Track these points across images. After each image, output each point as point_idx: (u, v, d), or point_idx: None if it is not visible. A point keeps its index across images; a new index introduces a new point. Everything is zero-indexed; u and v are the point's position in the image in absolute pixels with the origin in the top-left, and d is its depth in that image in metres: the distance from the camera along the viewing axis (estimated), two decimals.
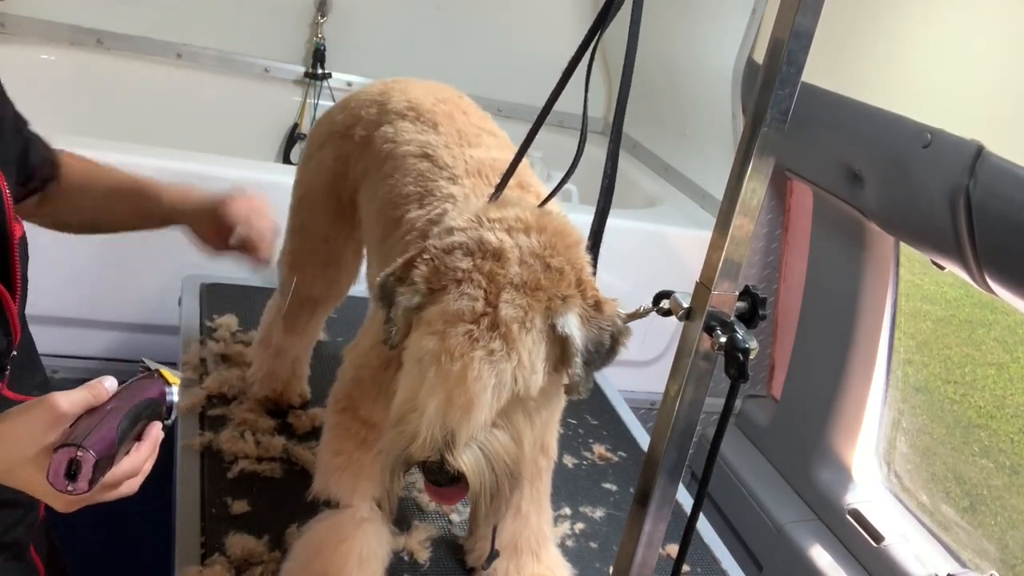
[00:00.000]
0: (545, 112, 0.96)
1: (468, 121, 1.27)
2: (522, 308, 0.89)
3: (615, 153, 0.95)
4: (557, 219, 0.98)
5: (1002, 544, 2.03)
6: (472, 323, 0.88)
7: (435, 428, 0.86)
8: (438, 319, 0.89)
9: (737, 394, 0.87)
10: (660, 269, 2.17)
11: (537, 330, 0.90)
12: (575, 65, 0.93)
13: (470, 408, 0.86)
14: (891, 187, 1.56)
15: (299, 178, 1.48)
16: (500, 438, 0.90)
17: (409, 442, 0.88)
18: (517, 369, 0.88)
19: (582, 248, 0.98)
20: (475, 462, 0.88)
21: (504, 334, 0.88)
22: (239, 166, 2.00)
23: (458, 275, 0.90)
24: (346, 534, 1.13)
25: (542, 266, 0.92)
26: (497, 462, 0.90)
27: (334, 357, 1.70)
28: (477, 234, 0.93)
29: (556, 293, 0.91)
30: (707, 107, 2.31)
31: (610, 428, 1.76)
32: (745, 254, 0.84)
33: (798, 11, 0.76)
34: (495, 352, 0.87)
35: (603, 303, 0.95)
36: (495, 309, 0.88)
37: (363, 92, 1.41)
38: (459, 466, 0.87)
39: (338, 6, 2.69)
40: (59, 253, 1.63)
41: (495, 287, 0.89)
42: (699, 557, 1.45)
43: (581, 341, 0.92)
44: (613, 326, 0.95)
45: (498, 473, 0.90)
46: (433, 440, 0.86)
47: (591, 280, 0.96)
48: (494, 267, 0.90)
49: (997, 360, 2.82)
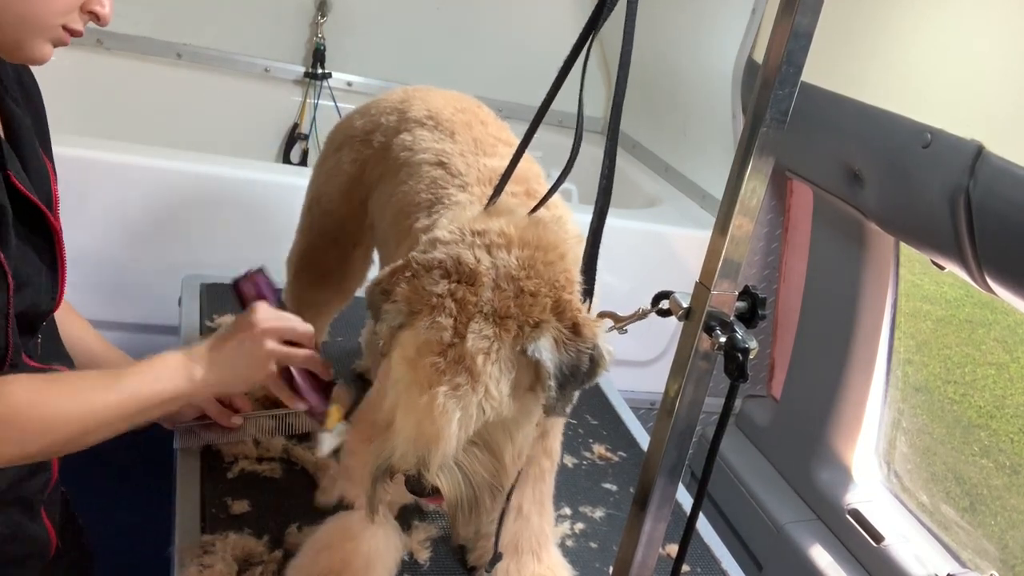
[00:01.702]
0: (542, 113, 0.96)
1: (485, 131, 1.27)
2: (488, 339, 0.89)
3: (612, 152, 0.94)
4: (544, 231, 0.96)
5: (1002, 544, 2.03)
6: (439, 355, 0.89)
7: (409, 452, 0.89)
8: (410, 345, 0.91)
9: (737, 394, 0.87)
10: (660, 269, 2.17)
11: (504, 359, 0.90)
12: (571, 64, 0.93)
13: (438, 439, 0.88)
14: (891, 187, 1.56)
15: (314, 178, 1.49)
16: (478, 455, 0.92)
17: (391, 453, 0.91)
18: (484, 400, 0.89)
19: (567, 262, 0.96)
20: (450, 478, 0.90)
21: (469, 367, 0.88)
22: (239, 166, 2.00)
23: (432, 300, 0.90)
24: (354, 533, 1.14)
25: (515, 290, 0.91)
26: (474, 476, 0.92)
27: (334, 357, 1.70)
28: (456, 252, 0.93)
29: (527, 319, 0.90)
30: (707, 107, 2.31)
31: (610, 428, 1.76)
32: (745, 254, 0.84)
33: (798, 11, 0.76)
34: (460, 387, 0.88)
35: (582, 325, 0.93)
36: (462, 340, 0.89)
37: (384, 99, 1.41)
38: (432, 483, 0.89)
39: (338, 6, 2.69)
40: None
41: (465, 316, 0.89)
42: (699, 557, 1.45)
43: (554, 365, 0.91)
44: (593, 348, 0.93)
45: (476, 486, 0.92)
46: (408, 459, 0.89)
47: (571, 299, 0.94)
48: (466, 294, 0.90)
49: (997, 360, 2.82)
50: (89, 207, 1.84)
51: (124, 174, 1.88)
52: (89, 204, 1.84)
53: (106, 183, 1.87)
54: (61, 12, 0.95)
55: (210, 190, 1.91)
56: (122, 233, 1.90)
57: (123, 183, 1.88)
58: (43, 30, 0.96)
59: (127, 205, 1.89)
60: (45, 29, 0.96)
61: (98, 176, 1.86)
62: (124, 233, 1.90)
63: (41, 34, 0.96)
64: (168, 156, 1.93)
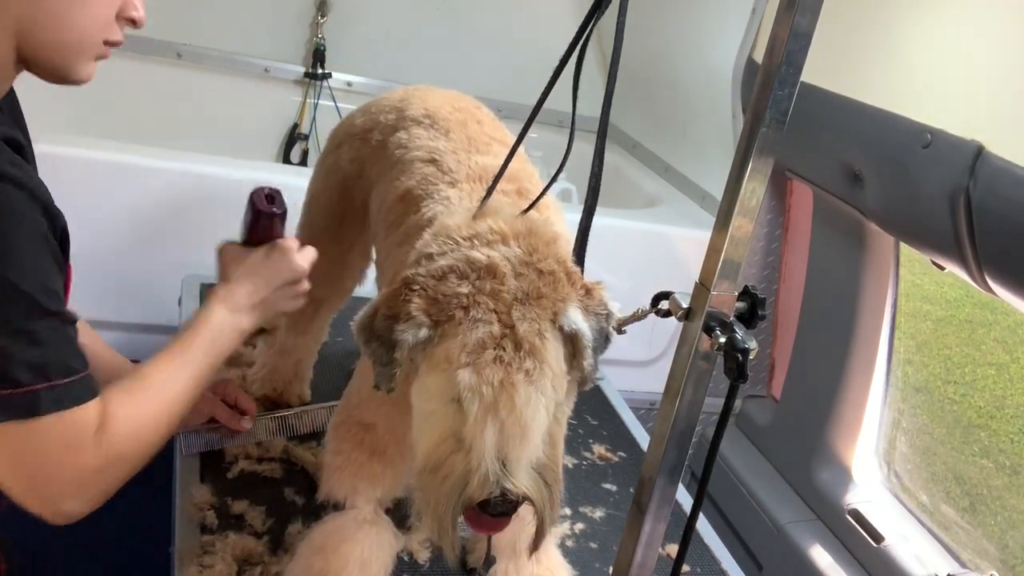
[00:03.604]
0: (535, 112, 0.97)
1: (481, 130, 1.28)
2: (535, 320, 0.89)
3: (601, 150, 0.96)
4: (530, 221, 0.98)
5: (1002, 544, 2.03)
6: (496, 348, 0.87)
7: (492, 463, 0.85)
8: (459, 352, 0.87)
9: (737, 394, 0.87)
10: (660, 269, 2.17)
11: (552, 337, 0.90)
12: (566, 63, 0.93)
13: (527, 433, 0.86)
14: (891, 187, 1.56)
15: (314, 176, 1.49)
16: (543, 449, 0.90)
17: (462, 485, 0.86)
18: (553, 381, 0.89)
19: (561, 243, 0.98)
20: (532, 482, 0.88)
21: (530, 351, 0.87)
22: (239, 166, 2.00)
23: (463, 301, 0.89)
24: (347, 535, 1.13)
25: (536, 273, 0.92)
26: (547, 474, 0.90)
27: (334, 357, 1.71)
28: (462, 255, 0.92)
29: (557, 296, 0.92)
30: (707, 107, 2.31)
31: (610, 428, 1.77)
32: (744, 254, 0.84)
33: (797, 11, 0.76)
34: (531, 372, 0.87)
35: (592, 289, 0.96)
36: (512, 328, 0.88)
37: (384, 98, 1.42)
38: (522, 492, 0.86)
39: (338, 6, 2.69)
40: None
41: (503, 305, 0.89)
42: (699, 557, 1.45)
43: (590, 332, 0.93)
44: (604, 308, 0.96)
45: (549, 483, 0.90)
46: (493, 475, 0.85)
47: (576, 270, 0.97)
48: (494, 285, 0.89)
49: (997, 360, 2.82)
50: (89, 207, 1.84)
51: (124, 174, 1.88)
52: (89, 204, 1.84)
53: (106, 183, 1.87)
54: (100, 27, 0.94)
55: (210, 190, 1.91)
56: (122, 233, 1.90)
57: (123, 183, 1.88)
58: (86, 50, 0.94)
59: (127, 205, 1.89)
60: (87, 49, 0.94)
61: (98, 176, 1.86)
62: (124, 233, 1.90)
63: (84, 54, 0.94)
64: (168, 156, 1.93)
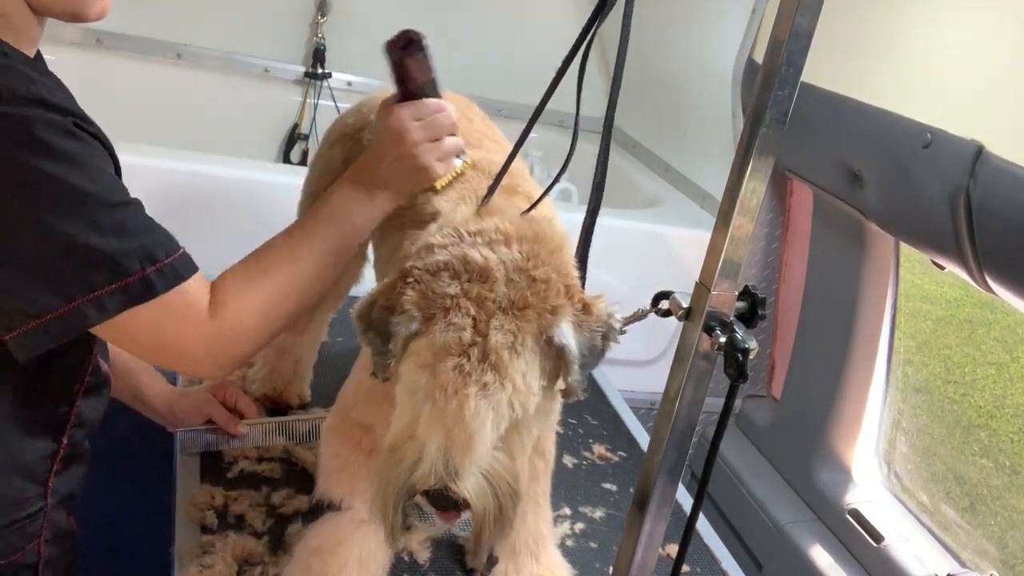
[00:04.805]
0: (537, 113, 0.97)
1: (471, 127, 1.28)
2: (511, 332, 0.88)
3: (606, 149, 0.95)
4: (538, 225, 0.97)
5: (1002, 544, 2.03)
6: (461, 355, 0.87)
7: (437, 465, 0.86)
8: (427, 351, 0.88)
9: (737, 394, 0.87)
10: (660, 269, 2.17)
11: (529, 350, 0.89)
12: (568, 64, 0.93)
13: (471, 444, 0.86)
14: (891, 187, 1.56)
15: (309, 175, 1.50)
16: (500, 459, 0.90)
17: (410, 471, 0.88)
18: (513, 396, 0.88)
19: (566, 252, 0.97)
20: (478, 488, 0.88)
21: (495, 364, 0.87)
22: (239, 166, 2.00)
23: (446, 302, 0.89)
24: (345, 536, 1.13)
25: (528, 280, 0.91)
26: (499, 484, 0.90)
27: (334, 356, 1.71)
28: (461, 252, 0.92)
29: (545, 307, 0.91)
30: (707, 107, 2.31)
31: (610, 428, 1.77)
32: (745, 254, 0.84)
33: (797, 11, 0.76)
34: (488, 385, 0.86)
35: (591, 304, 0.95)
36: (484, 338, 0.87)
37: (376, 97, 1.41)
38: (463, 495, 0.87)
39: (338, 6, 2.69)
40: None
41: (484, 313, 0.88)
42: (699, 557, 1.45)
43: (577, 348, 0.92)
44: (603, 326, 0.94)
45: (500, 495, 0.90)
46: (436, 471, 0.86)
47: (578, 284, 0.96)
48: (482, 291, 0.89)
49: (997, 360, 2.82)
50: None
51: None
52: None
53: None
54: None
55: (210, 190, 1.91)
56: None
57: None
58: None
59: None
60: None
61: None
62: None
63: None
64: (168, 156, 1.93)
